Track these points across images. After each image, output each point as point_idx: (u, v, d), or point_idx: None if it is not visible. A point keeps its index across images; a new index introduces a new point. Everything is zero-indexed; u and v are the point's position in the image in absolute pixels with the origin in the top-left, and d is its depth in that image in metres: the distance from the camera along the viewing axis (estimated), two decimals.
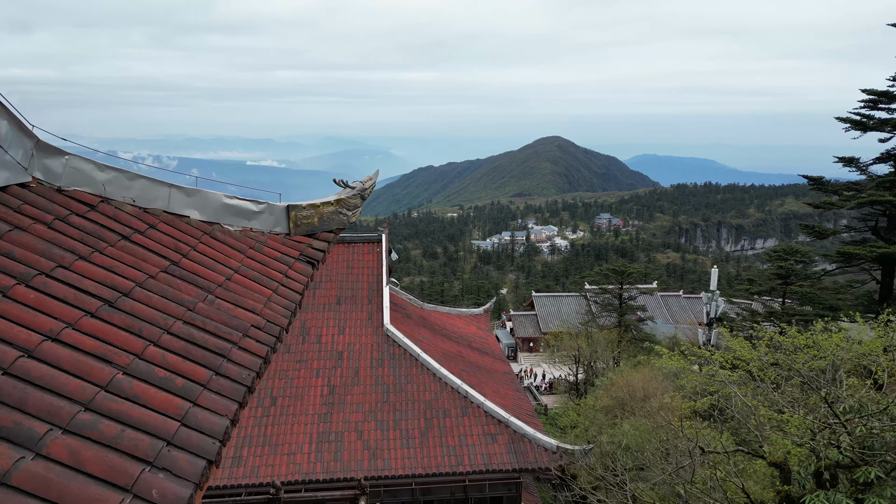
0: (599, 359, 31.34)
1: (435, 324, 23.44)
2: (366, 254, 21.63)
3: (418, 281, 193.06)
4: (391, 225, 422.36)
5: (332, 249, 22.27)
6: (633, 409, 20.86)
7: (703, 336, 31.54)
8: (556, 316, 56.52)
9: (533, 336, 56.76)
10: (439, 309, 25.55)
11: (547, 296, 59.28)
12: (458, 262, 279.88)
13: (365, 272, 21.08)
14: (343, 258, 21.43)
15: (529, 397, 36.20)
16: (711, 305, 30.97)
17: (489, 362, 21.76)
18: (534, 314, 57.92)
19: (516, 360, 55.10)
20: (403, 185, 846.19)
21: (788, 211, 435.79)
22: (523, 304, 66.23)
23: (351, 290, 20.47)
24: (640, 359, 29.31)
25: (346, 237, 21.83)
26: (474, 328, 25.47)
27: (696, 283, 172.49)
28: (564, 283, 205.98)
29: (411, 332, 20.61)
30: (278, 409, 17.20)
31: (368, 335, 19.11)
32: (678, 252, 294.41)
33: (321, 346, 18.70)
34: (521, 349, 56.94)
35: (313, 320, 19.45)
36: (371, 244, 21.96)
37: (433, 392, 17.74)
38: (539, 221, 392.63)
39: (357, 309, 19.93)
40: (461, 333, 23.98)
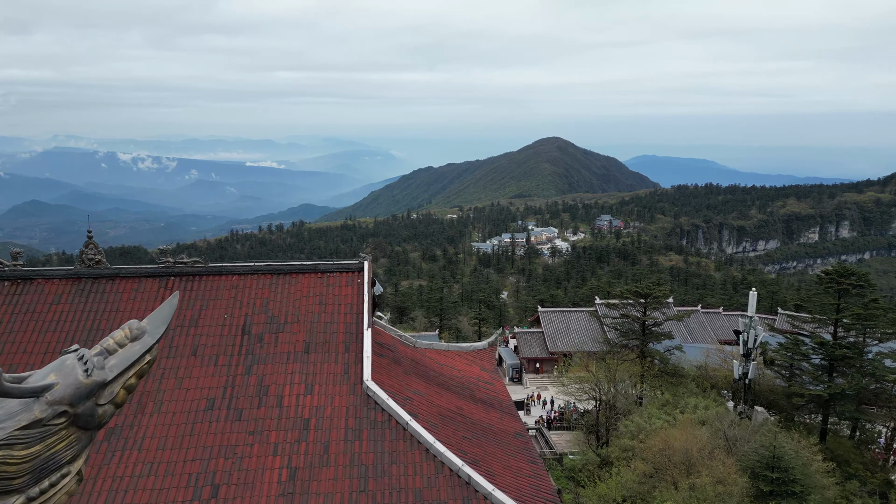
0: (620, 394, 27.17)
1: (430, 368, 19.23)
2: (343, 286, 17.43)
3: (417, 285, 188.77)
4: (390, 227, 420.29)
5: (301, 281, 18.09)
6: (674, 478, 16.62)
7: (740, 369, 27.41)
8: (565, 334, 52.17)
9: (539, 356, 52.38)
10: (435, 346, 21.32)
11: (554, 311, 54.74)
12: (458, 265, 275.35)
13: (342, 310, 16.88)
14: (315, 292, 17.23)
15: (540, 443, 31.97)
16: (749, 334, 26.82)
17: (497, 420, 17.55)
18: (540, 332, 53.47)
19: (521, 383, 50.76)
20: (403, 186, 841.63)
21: (790, 212, 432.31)
22: (528, 319, 61.79)
23: (323, 335, 16.26)
24: (667, 397, 25.14)
25: (320, 265, 17.63)
26: (477, 368, 21.25)
27: (701, 288, 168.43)
28: (566, 288, 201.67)
29: (399, 386, 16.39)
30: (220, 502, 12.99)
31: (343, 395, 14.91)
32: (681, 254, 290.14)
33: (282, 412, 14.51)
34: (526, 370, 52.60)
35: (273, 376, 15.27)
36: (350, 274, 17.76)
37: (426, 477, 13.55)
38: (539, 223, 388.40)
39: (330, 359, 15.73)
40: (462, 378, 19.76)
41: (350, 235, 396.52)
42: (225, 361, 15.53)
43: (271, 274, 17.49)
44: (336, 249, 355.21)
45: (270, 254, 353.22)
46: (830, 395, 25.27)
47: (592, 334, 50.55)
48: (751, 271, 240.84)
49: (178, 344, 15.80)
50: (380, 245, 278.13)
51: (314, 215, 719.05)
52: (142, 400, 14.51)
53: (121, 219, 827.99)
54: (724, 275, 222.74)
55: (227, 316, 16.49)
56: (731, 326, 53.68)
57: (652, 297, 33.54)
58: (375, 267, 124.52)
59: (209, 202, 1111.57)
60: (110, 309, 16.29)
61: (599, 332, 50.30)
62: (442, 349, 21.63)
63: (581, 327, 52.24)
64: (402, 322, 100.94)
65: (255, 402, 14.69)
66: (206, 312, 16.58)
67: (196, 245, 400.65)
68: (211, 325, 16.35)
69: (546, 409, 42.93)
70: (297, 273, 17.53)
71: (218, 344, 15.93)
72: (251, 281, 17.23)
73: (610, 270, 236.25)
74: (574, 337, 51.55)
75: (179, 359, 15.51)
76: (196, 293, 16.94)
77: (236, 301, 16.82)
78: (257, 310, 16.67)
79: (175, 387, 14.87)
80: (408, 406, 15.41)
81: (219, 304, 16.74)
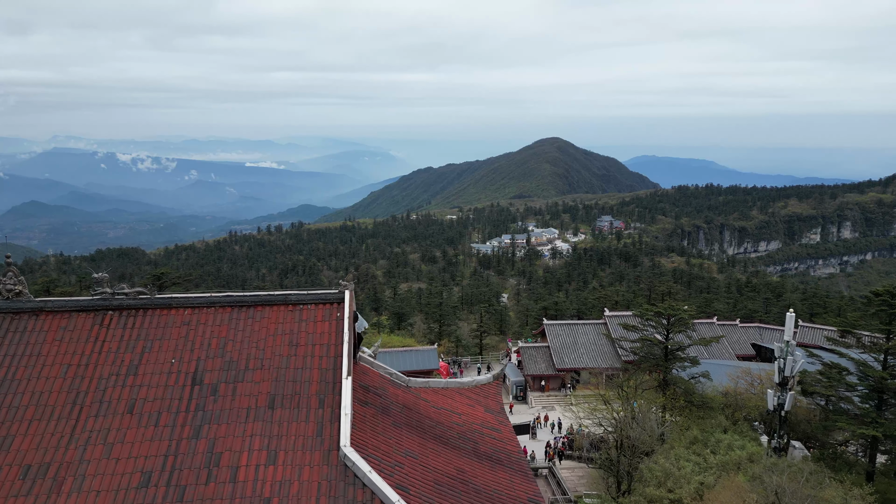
0: (645, 433, 23.99)
1: (426, 415, 16.16)
2: (319, 322, 14.35)
3: (416, 288, 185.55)
4: (389, 228, 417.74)
5: (267, 316, 14.94)
6: None
7: (774, 399, 24.36)
8: (573, 349, 48.85)
9: (545, 373, 48.95)
10: (431, 384, 18.23)
11: (560, 324, 51.21)
12: (458, 267, 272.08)
13: (316, 352, 13.79)
14: (284, 330, 14.14)
15: (551, 485, 28.86)
16: (786, 362, 23.76)
17: (506, 483, 14.49)
18: (545, 346, 49.99)
19: (526, 402, 47.51)
20: (402, 186, 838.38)
21: (792, 213, 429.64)
22: (532, 332, 58.63)
23: (293, 384, 13.19)
24: (695, 434, 22.06)
25: (291, 296, 14.55)
26: (481, 410, 18.18)
27: (705, 291, 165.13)
28: (567, 291, 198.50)
29: (387, 446, 13.34)
30: None
31: (315, 465, 11.84)
32: (683, 256, 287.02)
33: (236, 489, 11.42)
34: (531, 388, 49.25)
35: (228, 439, 12.17)
36: (328, 306, 14.67)
37: None
38: (539, 224, 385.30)
39: (300, 416, 12.67)
40: (464, 425, 16.70)
41: (349, 236, 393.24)
42: (168, 420, 12.44)
43: (231, 307, 14.36)
44: (335, 251, 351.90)
45: (269, 255, 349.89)
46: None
47: (602, 349, 47.43)
48: (754, 273, 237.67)
49: (110, 398, 12.71)
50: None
51: (314, 216, 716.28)
52: (59, 474, 11.43)
53: (120, 219, 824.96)
54: (727, 277, 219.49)
55: (174, 361, 13.41)
56: (748, 339, 50.72)
57: (676, 318, 30.27)
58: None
59: (209, 203, 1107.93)
60: (30, 353, 13.20)
61: (609, 348, 47.23)
62: (440, 387, 18.55)
63: (589, 341, 48.94)
64: (401, 328, 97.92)
65: (202, 476, 11.58)
66: (148, 357, 13.49)
67: (195, 246, 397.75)
68: (154, 372, 13.25)
69: (554, 433, 39.79)
70: (262, 305, 14.40)
71: (161, 398, 12.84)
72: (206, 316, 14.12)
73: (612, 272, 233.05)
74: (582, 352, 48.30)
75: (112, 417, 12.41)
76: (138, 332, 13.83)
77: (187, 342, 13.70)
78: (212, 353, 13.56)
79: (103, 455, 11.79)
80: (396, 475, 12.35)
81: (165, 345, 13.64)
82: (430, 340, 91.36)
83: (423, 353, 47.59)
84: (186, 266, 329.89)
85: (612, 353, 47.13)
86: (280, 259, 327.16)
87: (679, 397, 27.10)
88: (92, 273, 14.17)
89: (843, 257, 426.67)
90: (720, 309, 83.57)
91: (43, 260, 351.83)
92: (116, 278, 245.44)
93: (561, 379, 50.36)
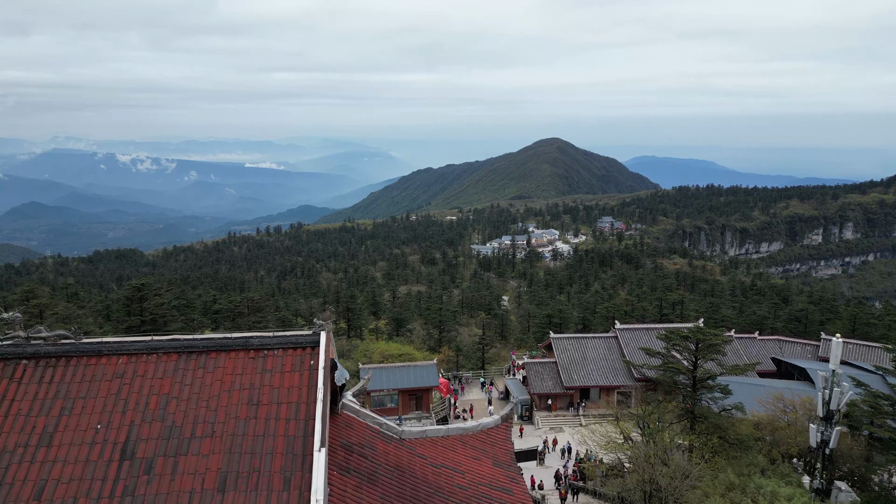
0: (671, 471, 21.06)
1: (421, 478, 13.29)
2: (287, 372, 11.45)
3: (415, 291, 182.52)
4: (389, 229, 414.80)
5: (223, 365, 12.02)
6: None
7: (818, 435, 21.53)
8: (582, 365, 45.62)
9: (553, 392, 45.70)
10: (429, 433, 15.33)
11: (568, 338, 47.89)
12: (458, 269, 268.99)
13: (282, 414, 10.89)
14: (242, 384, 11.23)
15: None
16: (833, 393, 20.92)
17: None
18: (552, 362, 46.68)
19: (532, 422, 44.42)
20: (402, 187, 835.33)
21: (793, 214, 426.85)
22: (538, 344, 55.53)
23: (250, 459, 10.28)
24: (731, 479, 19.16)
25: (253, 340, 11.65)
26: (488, 465, 15.29)
27: (709, 294, 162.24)
28: (569, 293, 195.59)
29: None
30: None
31: None
32: (685, 258, 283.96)
33: None
34: (537, 407, 46.25)
35: None
36: (299, 352, 11.77)
37: None
38: (540, 225, 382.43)
39: (259, 499, 9.78)
40: (468, 489, 13.82)
41: (348, 237, 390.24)
42: None
43: (178, 353, 11.46)
44: (334, 252, 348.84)
45: (268, 256, 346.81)
46: None
47: (613, 365, 44.39)
48: (759, 276, 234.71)
49: (13, 479, 9.81)
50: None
51: (313, 216, 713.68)
52: None
53: (120, 220, 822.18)
54: (730, 279, 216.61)
55: (100, 427, 10.52)
56: (768, 353, 47.75)
57: (706, 343, 27.11)
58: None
59: (208, 203, 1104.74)
60: None
61: (621, 363, 44.28)
62: (439, 436, 15.64)
63: (599, 356, 45.77)
64: (400, 334, 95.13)
65: None
66: (67, 421, 10.58)
67: (193, 247, 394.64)
68: (73, 443, 10.34)
69: (564, 460, 36.61)
70: (217, 351, 11.50)
71: (80, 478, 9.93)
72: (146, 366, 11.22)
73: (613, 275, 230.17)
74: (592, 368, 45.15)
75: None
76: (57, 388, 10.92)
77: (118, 401, 10.81)
78: (150, 415, 10.66)
79: None
80: None
81: (91, 405, 10.74)
82: (430, 347, 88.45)
83: (422, 369, 44.68)
84: (185, 268, 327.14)
85: (624, 370, 44.05)
86: (279, 260, 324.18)
87: (712, 435, 24.08)
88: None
89: (844, 258, 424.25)
90: (728, 315, 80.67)
91: (41, 261, 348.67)
92: (113, 280, 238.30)
93: (569, 397, 47.57)
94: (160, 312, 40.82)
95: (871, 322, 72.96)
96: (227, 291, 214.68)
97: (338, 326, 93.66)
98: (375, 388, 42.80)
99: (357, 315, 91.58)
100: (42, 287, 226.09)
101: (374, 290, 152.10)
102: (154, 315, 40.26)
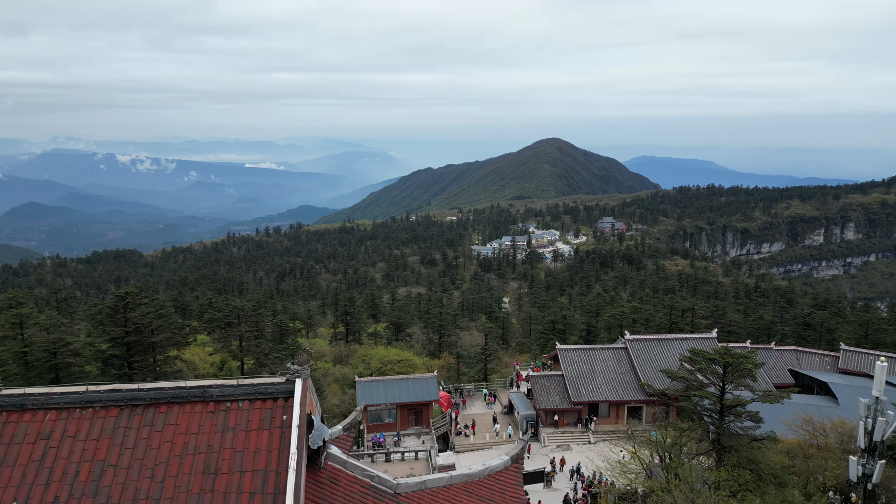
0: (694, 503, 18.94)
1: None
2: (253, 430, 9.32)
3: (415, 293, 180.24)
4: (389, 229, 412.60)
5: (175, 421, 9.94)
6: None
7: (859, 468, 19.44)
8: (590, 378, 43.04)
9: (560, 407, 43.35)
10: (428, 485, 13.19)
11: (576, 349, 45.18)
12: (458, 270, 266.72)
13: (245, 486, 8.74)
14: (197, 446, 9.08)
15: None
16: (877, 423, 18.82)
17: None
18: (559, 375, 44.15)
19: (538, 439, 41.97)
20: (402, 187, 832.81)
21: (795, 214, 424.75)
22: (544, 356, 53.15)
23: None
24: None
25: (212, 389, 9.50)
26: None
27: (713, 296, 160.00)
28: (571, 295, 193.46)
29: None
30: None
31: None
32: (686, 259, 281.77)
33: None
34: (543, 423, 43.34)
35: None
36: (269, 404, 9.62)
37: None
38: (540, 225, 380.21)
39: None
40: None
41: (348, 238, 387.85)
42: None
43: (120, 407, 9.35)
44: (334, 253, 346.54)
45: (267, 257, 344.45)
46: None
47: (623, 379, 42.02)
48: (762, 277, 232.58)
49: None
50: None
51: (313, 217, 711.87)
52: None
53: (119, 220, 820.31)
54: (733, 281, 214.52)
55: (16, 503, 8.38)
56: (785, 365, 45.48)
57: (734, 367, 24.57)
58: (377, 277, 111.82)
59: (208, 203, 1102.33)
60: None
61: (631, 377, 41.94)
62: (441, 486, 13.51)
63: (609, 369, 43.28)
64: (399, 339, 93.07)
65: None
66: None
67: (192, 248, 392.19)
68: None
69: (573, 482, 34.22)
70: (168, 404, 9.38)
71: None
72: (79, 422, 9.11)
73: (615, 276, 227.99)
74: (601, 382, 42.69)
75: None
76: None
77: (41, 469, 8.68)
78: (80, 488, 8.54)
79: None
80: None
81: (5, 477, 8.61)
82: (430, 352, 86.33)
83: (421, 382, 42.34)
84: (183, 269, 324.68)
85: (635, 384, 41.56)
86: (278, 261, 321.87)
87: (743, 470, 21.75)
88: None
89: (846, 259, 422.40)
90: (735, 320, 78.48)
91: (39, 263, 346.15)
92: (112, 281, 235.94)
93: (577, 413, 44.70)
94: (145, 322, 38.63)
95: (883, 328, 70.82)
96: (225, 293, 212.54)
97: (336, 331, 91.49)
98: (372, 403, 40.55)
99: (356, 319, 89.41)
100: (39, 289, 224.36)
101: (373, 292, 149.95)
102: (138, 325, 38.03)
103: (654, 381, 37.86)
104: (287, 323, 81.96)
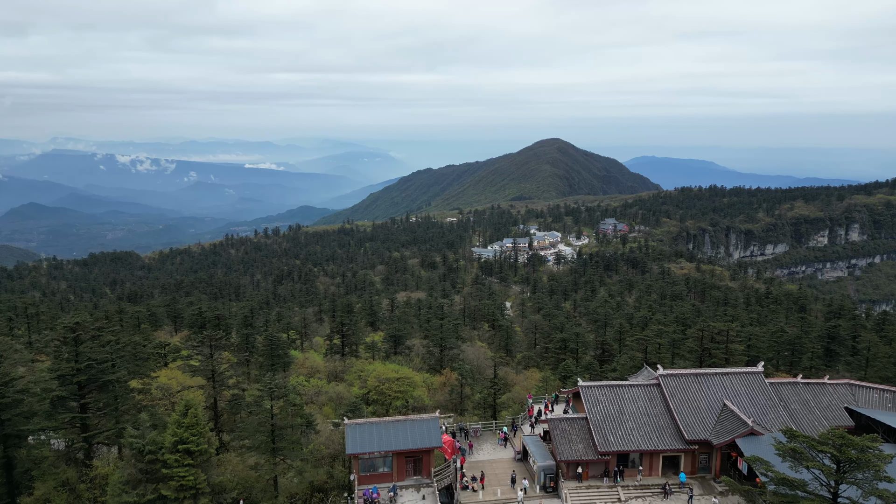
0: None
1: None
2: None
3: (415, 298, 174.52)
4: (388, 230, 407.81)
5: None
6: None
7: None
8: (619, 423, 36.62)
9: (584, 458, 37.32)
10: None
11: (601, 386, 38.25)
12: (459, 273, 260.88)
13: None
14: None
15: None
16: None
17: None
18: (583, 418, 37.61)
19: (558, 495, 35.57)
20: (402, 188, 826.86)
21: (798, 215, 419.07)
22: (562, 391, 46.55)
23: None
24: None
25: None
26: None
27: (722, 302, 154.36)
28: (575, 301, 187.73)
29: None
30: None
31: None
32: (692, 262, 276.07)
33: None
34: (564, 476, 37.43)
35: None
36: None
37: None
38: (541, 227, 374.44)
39: None
40: None
41: (347, 239, 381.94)
42: None
43: None
44: (333, 255, 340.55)
45: (265, 259, 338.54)
46: None
47: (657, 422, 35.84)
48: (770, 281, 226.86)
49: None
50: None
51: (313, 217, 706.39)
52: None
53: (119, 221, 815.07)
54: (741, 285, 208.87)
55: None
56: (840, 402, 39.21)
57: (853, 462, 18.07)
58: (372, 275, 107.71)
59: (208, 204, 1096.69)
60: None
61: (667, 419, 36.05)
62: None
63: (640, 411, 36.86)
64: (398, 352, 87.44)
65: None
66: None
67: (190, 250, 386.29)
68: None
69: None
70: None
71: None
72: None
73: (620, 280, 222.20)
74: (631, 427, 36.28)
75: None
76: None
77: None
78: None
79: None
80: None
81: None
82: (431, 366, 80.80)
83: (421, 425, 36.23)
84: (180, 271, 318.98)
85: (671, 428, 35.45)
86: (276, 264, 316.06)
87: None
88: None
89: (851, 260, 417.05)
90: (756, 334, 72.73)
91: (35, 265, 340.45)
92: (107, 284, 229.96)
93: (604, 463, 38.80)
94: (100, 357, 33.03)
95: None
96: (220, 298, 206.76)
97: (332, 343, 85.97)
98: (365, 451, 34.71)
99: (353, 329, 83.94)
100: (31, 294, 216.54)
101: (371, 298, 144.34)
102: (91, 361, 32.35)
103: (693, 424, 32.28)
104: (278, 336, 76.35)
